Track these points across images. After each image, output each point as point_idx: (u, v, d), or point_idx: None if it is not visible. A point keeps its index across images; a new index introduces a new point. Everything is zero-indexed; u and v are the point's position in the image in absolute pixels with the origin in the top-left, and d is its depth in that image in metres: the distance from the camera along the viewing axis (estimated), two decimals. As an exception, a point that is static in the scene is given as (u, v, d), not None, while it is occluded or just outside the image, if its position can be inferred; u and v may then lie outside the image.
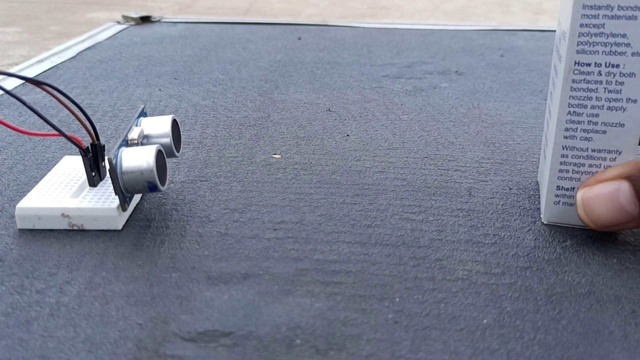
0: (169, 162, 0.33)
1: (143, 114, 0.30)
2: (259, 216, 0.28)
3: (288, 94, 0.47)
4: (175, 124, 0.30)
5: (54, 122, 0.26)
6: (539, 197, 0.30)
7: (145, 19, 0.76)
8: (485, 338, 0.20)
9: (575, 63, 0.24)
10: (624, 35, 0.23)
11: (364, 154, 0.35)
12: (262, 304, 0.22)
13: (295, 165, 0.34)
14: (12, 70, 0.48)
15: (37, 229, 0.27)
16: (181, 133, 0.31)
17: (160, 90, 0.48)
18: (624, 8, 0.23)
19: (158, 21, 0.77)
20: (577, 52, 0.24)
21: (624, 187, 0.24)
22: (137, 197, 0.29)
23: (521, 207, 0.29)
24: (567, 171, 0.26)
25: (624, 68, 0.24)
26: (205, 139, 0.37)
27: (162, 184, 0.27)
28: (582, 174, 0.26)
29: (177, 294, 0.23)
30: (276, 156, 0.35)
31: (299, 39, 0.67)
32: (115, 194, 0.26)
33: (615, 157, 0.25)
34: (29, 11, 2.77)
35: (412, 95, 0.47)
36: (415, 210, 0.29)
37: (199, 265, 0.24)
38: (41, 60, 0.56)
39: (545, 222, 0.27)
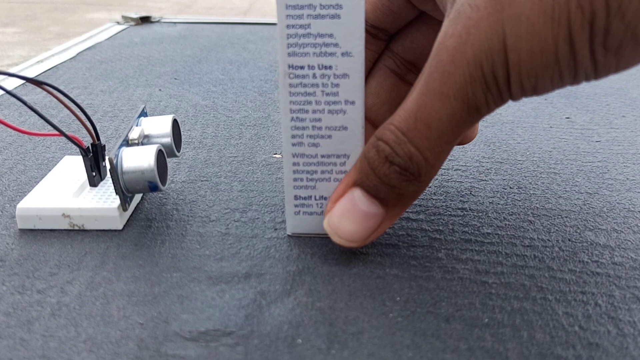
0: (170, 162, 0.33)
1: (143, 113, 0.31)
2: (260, 216, 0.28)
3: (288, 93, 0.47)
4: (175, 124, 0.30)
5: (54, 122, 0.26)
6: (539, 196, 0.30)
7: (145, 20, 0.76)
8: (485, 337, 0.20)
9: (290, 66, 0.23)
10: (331, 35, 0.22)
11: (365, 153, 0.35)
12: (263, 304, 0.22)
13: (296, 165, 0.34)
14: (12, 71, 0.48)
15: (38, 229, 0.27)
16: (181, 133, 0.31)
17: (160, 90, 0.48)
18: (326, 7, 0.22)
19: (158, 21, 0.77)
20: (289, 54, 0.23)
21: (357, 194, 0.23)
22: (137, 197, 0.29)
23: (522, 207, 0.29)
24: (302, 179, 0.25)
25: (336, 69, 0.23)
26: (205, 139, 0.37)
27: (163, 183, 0.27)
28: (316, 181, 0.25)
29: (178, 293, 0.23)
30: (277, 156, 0.35)
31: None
32: (116, 193, 0.26)
33: (345, 162, 0.24)
34: (28, 12, 2.78)
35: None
36: (416, 210, 0.29)
37: (200, 264, 0.24)
38: (41, 61, 0.56)
39: (289, 234, 0.26)
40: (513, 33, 0.19)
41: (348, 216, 0.23)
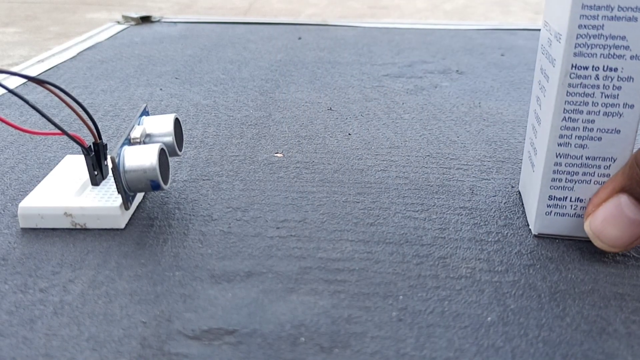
0: (171, 161, 0.33)
1: (145, 112, 0.30)
2: (262, 215, 0.28)
3: (289, 93, 0.47)
4: (177, 123, 0.30)
5: (56, 121, 0.26)
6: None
7: (145, 19, 0.76)
8: (490, 335, 0.20)
9: (572, 66, 0.23)
10: (623, 38, 0.23)
11: (366, 152, 0.35)
12: (266, 302, 0.22)
13: (297, 164, 0.34)
14: (12, 70, 0.48)
15: (40, 228, 0.27)
16: (183, 132, 0.31)
17: (161, 89, 0.48)
18: (624, 9, 0.22)
19: (158, 21, 0.77)
20: (575, 54, 0.23)
21: (624, 200, 0.23)
22: (139, 196, 0.29)
23: (523, 205, 0.29)
24: (560, 180, 0.25)
25: (622, 72, 0.23)
26: (206, 138, 0.37)
27: (165, 182, 0.27)
28: (575, 182, 0.25)
29: (180, 292, 0.23)
30: (278, 155, 0.35)
31: (299, 38, 0.67)
32: (118, 192, 0.26)
33: (610, 165, 0.24)
34: (28, 12, 2.77)
35: (413, 94, 0.47)
36: (418, 209, 0.29)
37: (203, 263, 0.24)
38: (42, 60, 0.56)
39: (535, 234, 0.26)
40: None
41: (612, 221, 0.23)
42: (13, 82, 0.47)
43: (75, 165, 0.31)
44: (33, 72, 0.52)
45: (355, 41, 0.65)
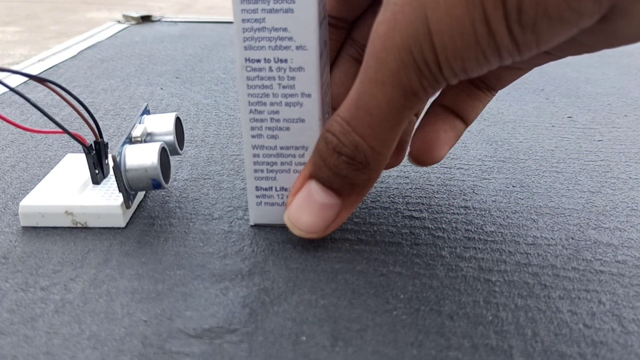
0: (172, 160, 0.33)
1: (146, 111, 0.30)
2: (263, 214, 0.28)
3: (290, 92, 0.47)
4: (178, 122, 0.30)
5: (57, 119, 0.26)
6: (542, 195, 0.30)
7: (145, 19, 0.76)
8: (489, 335, 0.20)
9: (246, 60, 0.24)
10: (285, 29, 0.23)
11: (367, 152, 0.35)
12: (267, 301, 0.22)
13: (298, 163, 0.34)
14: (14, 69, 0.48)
15: (41, 227, 0.27)
16: (184, 131, 0.31)
17: (162, 89, 0.48)
18: (280, 1, 0.22)
19: (158, 21, 0.77)
20: (245, 48, 0.23)
21: (313, 186, 0.24)
22: (140, 195, 0.29)
23: (524, 205, 0.29)
24: (262, 171, 0.25)
25: (292, 62, 0.23)
26: (207, 137, 0.37)
27: (166, 181, 0.27)
28: (276, 172, 0.25)
29: (181, 291, 0.23)
30: (279, 154, 0.35)
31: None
32: (119, 191, 0.26)
33: (304, 153, 0.25)
34: (29, 11, 2.77)
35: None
36: (419, 208, 0.29)
37: (204, 262, 0.24)
38: (42, 59, 0.56)
39: (252, 224, 0.27)
40: (434, 16, 0.19)
41: (305, 208, 0.24)
42: (14, 81, 0.47)
43: (76, 163, 0.31)
44: (34, 71, 0.52)
45: (356, 41, 0.65)
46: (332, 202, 0.24)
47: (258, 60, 0.24)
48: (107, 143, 0.28)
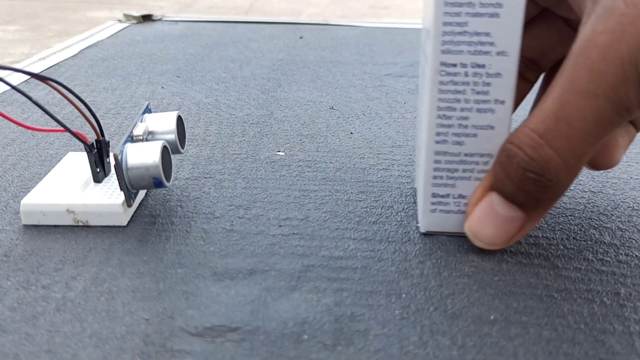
0: (173, 159, 0.33)
1: (148, 110, 0.30)
2: (264, 213, 0.28)
3: (291, 92, 0.47)
4: (179, 121, 0.30)
5: (58, 118, 0.26)
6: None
7: (146, 18, 0.76)
8: (493, 334, 0.20)
9: (442, 64, 0.23)
10: (487, 34, 0.22)
11: (368, 151, 0.35)
12: (269, 300, 0.22)
13: (300, 162, 0.34)
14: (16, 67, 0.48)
15: (42, 225, 0.27)
16: (185, 130, 0.31)
17: (163, 88, 0.48)
18: (486, 5, 0.22)
19: (159, 20, 0.77)
20: (442, 52, 0.23)
21: (494, 198, 0.23)
22: (141, 194, 0.29)
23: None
24: (442, 177, 0.25)
25: (489, 68, 0.23)
26: (208, 136, 0.37)
27: (168, 180, 0.27)
28: (456, 179, 0.25)
29: (183, 289, 0.23)
30: (280, 153, 0.35)
31: (301, 38, 0.67)
32: (121, 189, 0.26)
33: (487, 161, 0.24)
34: (29, 10, 2.77)
35: (415, 93, 0.47)
36: (415, 207, 0.29)
37: (205, 261, 0.24)
38: (43, 58, 0.56)
39: (423, 232, 0.26)
40: None
41: (487, 220, 0.23)
42: (16, 79, 0.47)
43: (77, 162, 0.31)
44: (35, 70, 0.52)
45: (357, 41, 0.65)
46: (515, 215, 0.23)
47: (454, 65, 0.23)
48: (108, 141, 0.28)
